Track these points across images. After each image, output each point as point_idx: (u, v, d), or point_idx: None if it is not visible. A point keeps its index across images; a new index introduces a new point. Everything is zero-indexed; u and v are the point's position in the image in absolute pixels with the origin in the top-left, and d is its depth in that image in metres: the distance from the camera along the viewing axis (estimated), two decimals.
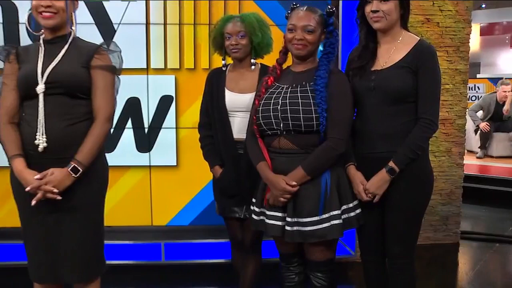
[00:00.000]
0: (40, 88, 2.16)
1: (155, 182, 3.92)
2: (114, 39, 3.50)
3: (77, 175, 2.14)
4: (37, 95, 2.16)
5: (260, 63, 2.73)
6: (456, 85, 4.30)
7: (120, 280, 2.66)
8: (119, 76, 2.34)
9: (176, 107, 3.86)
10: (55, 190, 2.11)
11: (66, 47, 2.25)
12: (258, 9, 3.68)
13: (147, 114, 3.83)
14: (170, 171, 3.91)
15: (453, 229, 4.45)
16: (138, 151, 3.86)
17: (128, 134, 3.84)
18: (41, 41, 2.27)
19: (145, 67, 3.81)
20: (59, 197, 2.12)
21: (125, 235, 3.85)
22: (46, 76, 2.17)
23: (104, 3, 3.68)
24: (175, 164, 3.91)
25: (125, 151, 3.81)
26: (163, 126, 3.87)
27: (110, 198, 2.56)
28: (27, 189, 2.10)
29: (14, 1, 3.65)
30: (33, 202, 2.10)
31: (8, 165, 2.33)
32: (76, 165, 2.14)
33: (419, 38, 2.27)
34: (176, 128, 3.87)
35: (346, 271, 3.81)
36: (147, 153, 3.89)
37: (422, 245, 4.31)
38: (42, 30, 2.27)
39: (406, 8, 2.27)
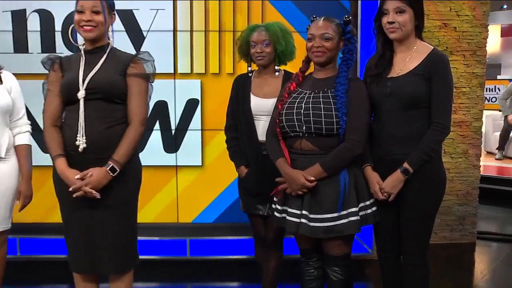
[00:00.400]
0: (81, 94, 2.33)
1: (181, 181, 4.04)
2: (143, 46, 3.78)
3: (114, 174, 2.30)
4: (78, 101, 2.33)
5: (284, 70, 2.83)
6: (473, 88, 4.36)
7: (148, 275, 2.79)
8: (152, 84, 2.50)
9: (201, 110, 3.97)
10: (95, 192, 2.27)
11: (104, 56, 2.42)
12: (281, 17, 3.80)
13: (174, 116, 3.95)
14: (196, 170, 4.03)
15: (470, 229, 4.51)
16: (165, 151, 3.97)
17: (156, 136, 3.95)
18: (82, 51, 2.44)
19: (172, 72, 3.93)
20: (98, 196, 2.28)
21: (153, 232, 3.95)
22: (86, 83, 2.33)
23: (134, 11, 3.82)
24: (201, 164, 4.02)
25: (153, 152, 3.91)
26: (189, 128, 3.99)
27: (139, 196, 2.71)
28: (70, 189, 2.27)
29: (50, 11, 3.82)
30: (75, 195, 2.27)
31: (49, 165, 2.53)
32: (113, 165, 2.29)
33: (432, 47, 2.38)
34: (202, 130, 3.98)
35: (364, 268, 3.88)
36: (174, 154, 4.00)
37: (439, 244, 4.39)
38: (83, 41, 2.44)
39: (420, 19, 2.37)
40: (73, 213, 2.40)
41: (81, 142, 2.32)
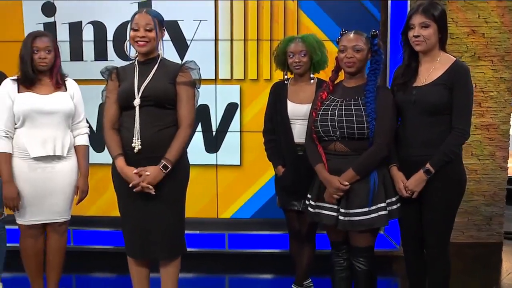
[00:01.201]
0: (137, 102, 2.59)
1: (221, 179, 4.24)
2: (187, 54, 4.00)
3: (167, 172, 2.56)
4: (134, 107, 2.59)
5: (317, 78, 3.03)
6: (501, 92, 4.45)
7: (189, 266, 2.93)
8: (198, 89, 2.73)
9: (240, 113, 4.15)
10: (151, 187, 2.54)
11: (155, 67, 2.66)
12: (314, 26, 3.99)
13: (215, 119, 4.15)
14: (234, 169, 4.22)
15: (497, 229, 4.58)
16: (207, 151, 4.18)
17: (198, 137, 4.14)
18: (136, 62, 2.70)
19: (213, 77, 4.12)
20: (153, 191, 2.55)
21: (194, 226, 4.11)
22: (141, 92, 2.59)
23: (179, 22, 4.04)
24: (239, 164, 4.21)
25: (195, 152, 3.93)
26: (229, 130, 4.18)
27: None
28: (130, 185, 2.54)
29: (103, 22, 4.10)
30: (134, 190, 2.54)
31: (103, 163, 2.79)
32: (166, 163, 2.55)
33: (455, 59, 2.54)
34: (240, 131, 4.17)
35: (391, 264, 3.98)
36: (214, 154, 4.20)
37: (466, 243, 4.49)
38: (136, 53, 2.70)
39: (443, 33, 2.54)
40: (130, 205, 2.67)
41: (136, 144, 2.58)
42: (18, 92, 2.98)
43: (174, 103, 2.65)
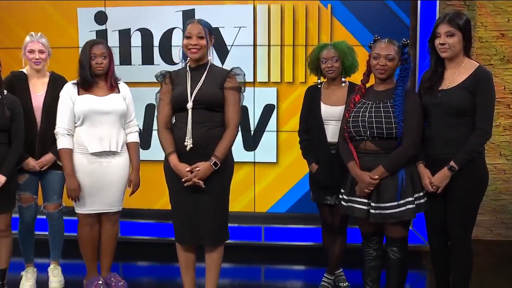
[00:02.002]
0: (189, 105, 2.82)
1: (258, 176, 4.40)
2: (227, 58, 4.20)
3: (216, 168, 2.79)
4: (187, 109, 2.83)
5: (348, 81, 3.20)
6: None
7: (227, 257, 3.13)
8: (243, 93, 2.94)
9: (277, 113, 4.31)
10: (201, 182, 2.77)
11: (205, 73, 2.89)
12: (347, 32, 4.13)
13: (253, 119, 4.32)
14: (271, 167, 4.38)
15: None
16: (245, 150, 4.35)
17: (237, 136, 4.18)
18: (187, 68, 2.93)
19: (252, 80, 4.27)
20: (203, 186, 2.78)
21: (232, 219, 3.98)
22: (193, 96, 2.83)
23: (220, 29, 4.21)
24: (275, 161, 4.37)
25: (234, 150, 3.93)
26: (266, 130, 4.34)
27: None
28: (183, 180, 2.77)
29: (150, 29, 4.33)
30: (186, 184, 2.77)
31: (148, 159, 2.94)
32: (216, 160, 2.78)
33: (478, 64, 2.71)
34: (277, 131, 4.32)
35: (420, 259, 4.06)
36: (252, 152, 4.37)
37: (494, 241, 4.55)
38: (188, 60, 2.92)
39: (468, 41, 2.70)
40: (181, 197, 2.89)
41: (188, 143, 2.81)
42: (78, 95, 3.27)
43: (222, 106, 2.86)
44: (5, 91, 3.23)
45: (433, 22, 2.86)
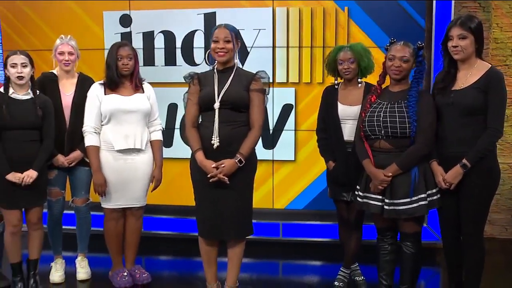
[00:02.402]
0: (216, 105, 2.94)
1: (277, 173, 4.47)
2: (247, 60, 4.28)
3: (241, 165, 2.90)
4: (214, 109, 2.95)
5: (365, 82, 3.28)
6: None
7: (245, 252, 3.20)
8: (267, 95, 3.05)
9: (295, 113, 4.37)
10: (226, 178, 2.88)
11: (232, 75, 3.01)
12: (363, 34, 4.18)
13: (272, 118, 4.39)
14: (289, 164, 4.44)
15: None
16: (264, 148, 4.39)
17: None
18: (215, 70, 3.04)
19: (271, 81, 4.06)
20: (227, 182, 2.89)
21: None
22: (220, 97, 2.95)
23: (240, 31, 3.97)
24: (293, 159, 4.42)
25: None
26: (284, 129, 4.41)
27: None
28: (209, 175, 2.88)
29: (173, 31, 4.43)
30: (211, 180, 2.89)
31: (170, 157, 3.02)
32: (241, 158, 2.89)
33: (490, 65, 2.79)
34: (295, 130, 4.38)
35: (434, 255, 4.11)
36: (271, 150, 4.43)
37: (509, 239, 4.55)
38: (216, 63, 3.05)
39: (480, 43, 2.79)
40: (206, 193, 3.00)
41: (215, 141, 2.92)
42: (105, 94, 3.42)
43: (247, 107, 2.98)
44: (38, 91, 3.39)
45: (447, 23, 2.94)
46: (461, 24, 2.77)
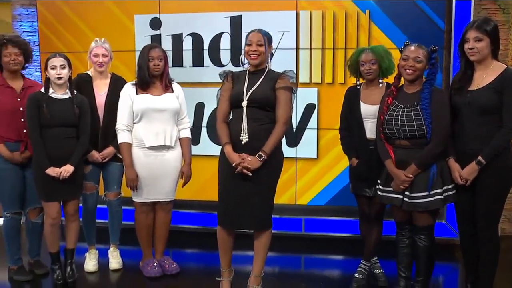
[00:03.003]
0: (244, 103, 3.07)
1: (300, 170, 4.58)
2: (272, 61, 4.14)
3: (261, 160, 3.02)
4: (242, 107, 3.09)
5: (386, 82, 3.38)
6: None
7: (269, 246, 3.27)
8: (295, 94, 3.15)
9: (317, 112, 4.48)
10: (249, 172, 3.01)
11: (262, 77, 3.13)
12: (384, 36, 4.28)
13: (295, 117, 4.48)
14: (312, 162, 4.55)
15: None
16: (287, 146, 4.49)
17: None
18: (247, 72, 3.19)
19: (294, 81, 4.36)
20: (250, 174, 3.02)
21: (275, 211, 4.01)
22: (248, 96, 3.09)
23: None
24: (316, 157, 4.54)
25: None
26: (307, 127, 4.52)
27: None
28: (234, 164, 3.01)
29: (200, 34, 4.58)
30: (236, 171, 3.01)
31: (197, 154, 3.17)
32: (262, 154, 3.01)
33: (506, 67, 2.89)
34: (317, 129, 4.50)
35: (453, 251, 4.18)
36: (294, 148, 4.54)
37: None
38: (249, 65, 3.18)
39: (495, 45, 2.89)
40: (231, 185, 3.12)
41: (244, 137, 3.06)
42: (136, 94, 3.59)
43: (273, 106, 3.09)
44: (75, 91, 3.58)
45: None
46: (477, 27, 2.87)
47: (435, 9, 4.24)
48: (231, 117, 3.20)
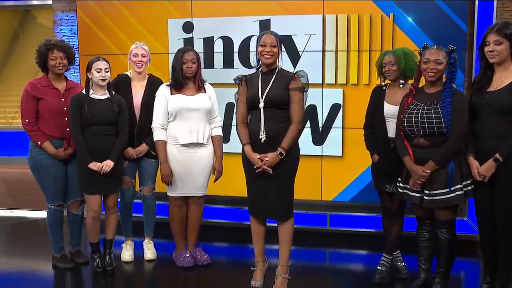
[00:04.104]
0: (261, 104, 3.24)
1: (325, 168, 4.72)
2: (299, 63, 4.53)
3: (282, 157, 3.18)
4: (259, 108, 3.27)
5: (410, 83, 3.45)
6: None
7: (296, 240, 3.38)
8: (306, 92, 3.30)
9: (343, 112, 4.60)
10: (269, 169, 3.18)
11: (274, 77, 3.29)
12: (407, 38, 4.38)
13: (321, 117, 4.64)
14: (337, 160, 4.68)
15: None
16: (314, 144, 4.66)
17: (307, 132, 4.60)
18: (259, 72, 3.35)
19: (320, 82, 4.59)
20: (271, 172, 3.19)
21: (301, 207, 4.57)
22: (264, 97, 3.25)
23: (293, 36, 4.56)
24: (341, 155, 4.67)
25: (304, 144, 4.13)
26: (332, 126, 4.64)
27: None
28: (255, 167, 3.20)
29: (231, 37, 4.76)
30: (257, 171, 3.20)
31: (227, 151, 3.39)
32: (281, 151, 3.17)
33: None
34: (343, 128, 4.62)
35: (475, 248, 4.20)
36: (320, 146, 4.69)
37: None
38: (260, 65, 3.34)
39: None
40: (255, 180, 3.32)
41: (262, 136, 3.23)
42: (171, 94, 3.78)
43: (288, 105, 3.26)
44: (113, 92, 3.80)
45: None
46: (497, 31, 2.99)
47: (458, 13, 4.32)
48: (249, 118, 3.37)
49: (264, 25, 4.64)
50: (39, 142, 3.76)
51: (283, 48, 3.49)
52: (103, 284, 3.80)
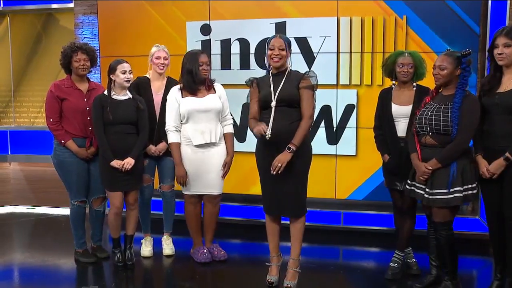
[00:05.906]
0: (273, 104, 3.35)
1: (339, 167, 4.80)
2: (314, 64, 4.61)
3: (291, 152, 3.24)
4: (271, 107, 3.37)
5: (417, 84, 3.57)
6: None
7: (309, 238, 3.51)
8: (315, 91, 3.40)
9: (357, 112, 4.68)
10: (280, 165, 3.23)
11: (284, 78, 3.40)
12: (420, 40, 4.44)
13: (336, 117, 4.72)
14: (351, 159, 4.76)
15: None
16: (328, 143, 4.75)
17: (321, 132, 4.72)
18: (270, 74, 3.46)
19: (335, 83, 4.66)
20: (282, 168, 3.26)
21: (316, 205, 4.71)
22: (275, 97, 3.36)
23: (308, 38, 4.63)
24: (355, 154, 4.74)
25: (319, 144, 4.61)
26: (347, 126, 4.71)
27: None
28: (272, 173, 3.25)
29: (247, 39, 4.85)
30: (272, 173, 3.26)
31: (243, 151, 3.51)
32: (291, 146, 3.25)
33: None
34: (356, 127, 4.70)
35: (486, 247, 4.22)
36: (334, 145, 4.77)
37: None
38: (271, 67, 3.45)
39: None
40: (268, 177, 3.40)
41: (268, 133, 3.29)
42: (182, 97, 3.87)
43: (298, 104, 3.36)
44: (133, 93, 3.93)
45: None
46: (506, 34, 3.06)
47: (471, 14, 4.36)
48: (260, 118, 3.45)
49: (280, 27, 4.72)
50: (63, 141, 3.91)
51: (298, 50, 3.56)
52: (123, 278, 3.92)
